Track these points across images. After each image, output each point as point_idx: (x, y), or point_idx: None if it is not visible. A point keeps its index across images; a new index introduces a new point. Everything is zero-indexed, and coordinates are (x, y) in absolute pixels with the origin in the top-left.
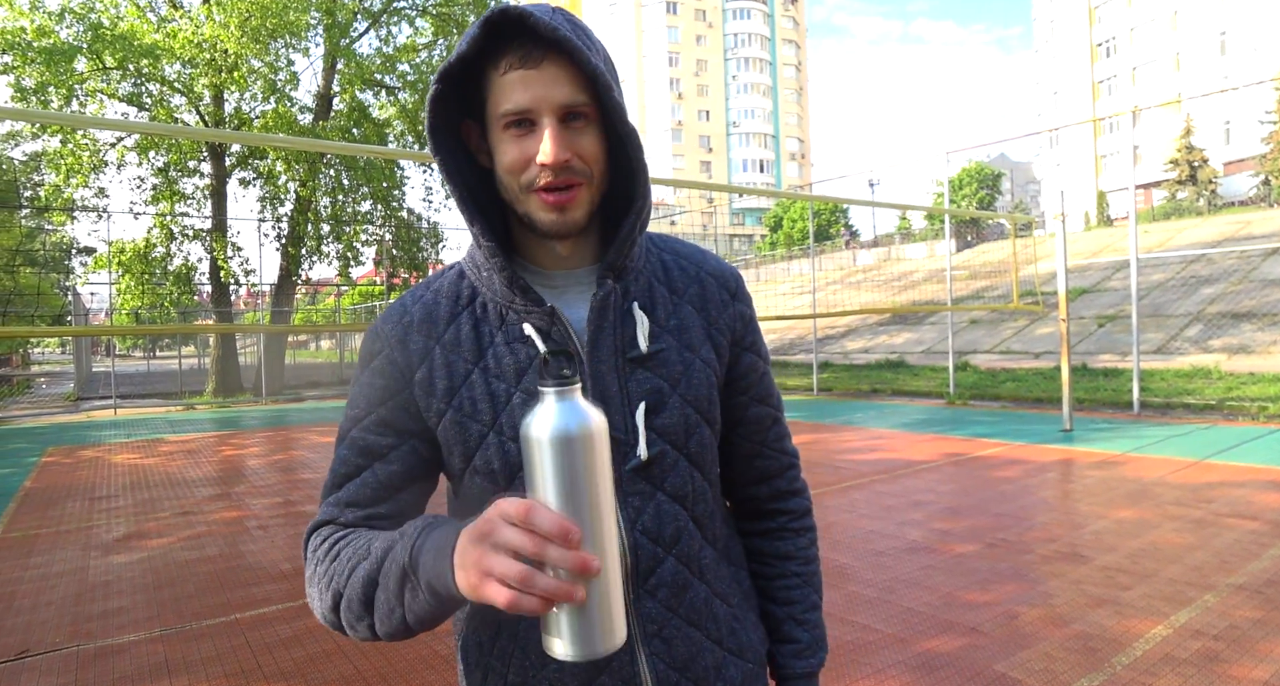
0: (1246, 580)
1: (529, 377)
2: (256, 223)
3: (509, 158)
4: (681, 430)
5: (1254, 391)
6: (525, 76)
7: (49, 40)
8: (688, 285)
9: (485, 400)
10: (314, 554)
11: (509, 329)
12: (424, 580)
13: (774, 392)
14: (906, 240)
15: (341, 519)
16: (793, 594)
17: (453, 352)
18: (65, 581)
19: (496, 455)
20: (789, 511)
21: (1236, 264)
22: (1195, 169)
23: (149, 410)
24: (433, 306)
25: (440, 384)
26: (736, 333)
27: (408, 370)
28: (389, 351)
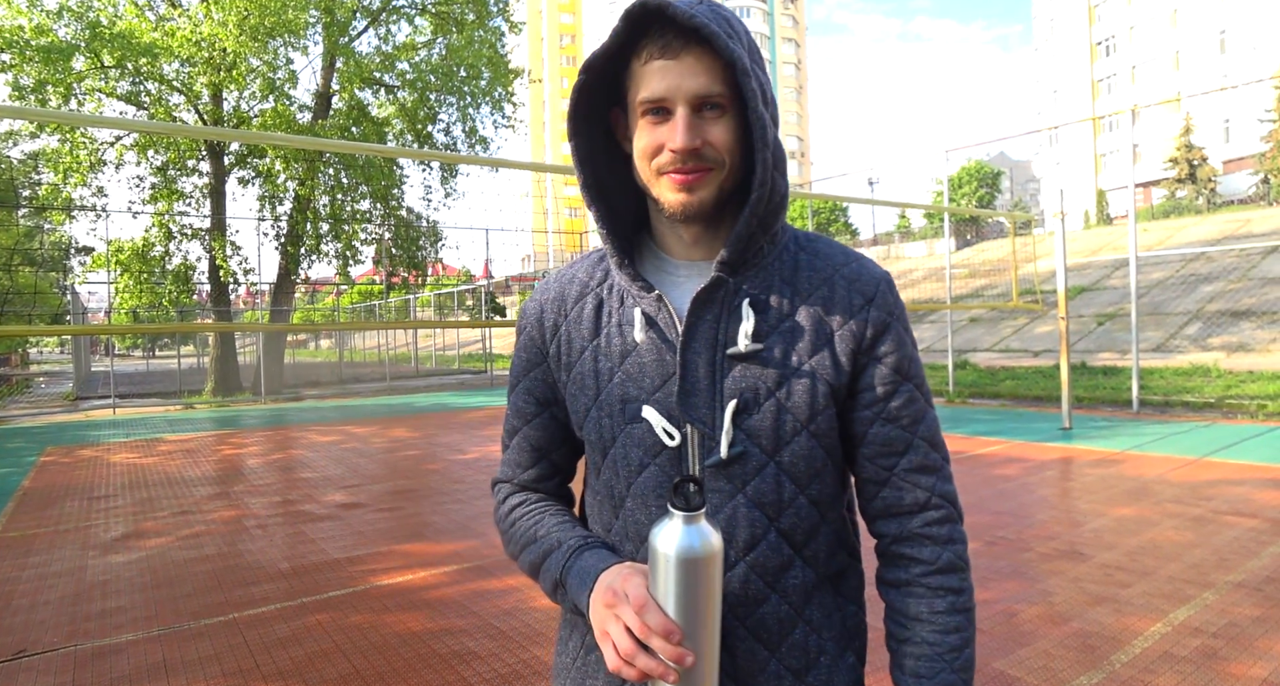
0: (1245, 577)
1: (630, 360)
2: (255, 222)
3: (643, 143)
4: (773, 434)
5: (1253, 389)
6: (664, 66)
7: (47, 38)
8: (815, 287)
9: (592, 377)
10: (497, 510)
11: (625, 311)
12: (570, 596)
13: (917, 417)
14: (906, 238)
15: (516, 479)
16: (920, 666)
17: (575, 329)
18: (63, 581)
19: (594, 428)
20: (922, 561)
21: (1236, 262)
22: (1195, 167)
23: (148, 409)
24: (568, 285)
25: (564, 357)
26: (864, 341)
27: (543, 345)
28: (530, 328)
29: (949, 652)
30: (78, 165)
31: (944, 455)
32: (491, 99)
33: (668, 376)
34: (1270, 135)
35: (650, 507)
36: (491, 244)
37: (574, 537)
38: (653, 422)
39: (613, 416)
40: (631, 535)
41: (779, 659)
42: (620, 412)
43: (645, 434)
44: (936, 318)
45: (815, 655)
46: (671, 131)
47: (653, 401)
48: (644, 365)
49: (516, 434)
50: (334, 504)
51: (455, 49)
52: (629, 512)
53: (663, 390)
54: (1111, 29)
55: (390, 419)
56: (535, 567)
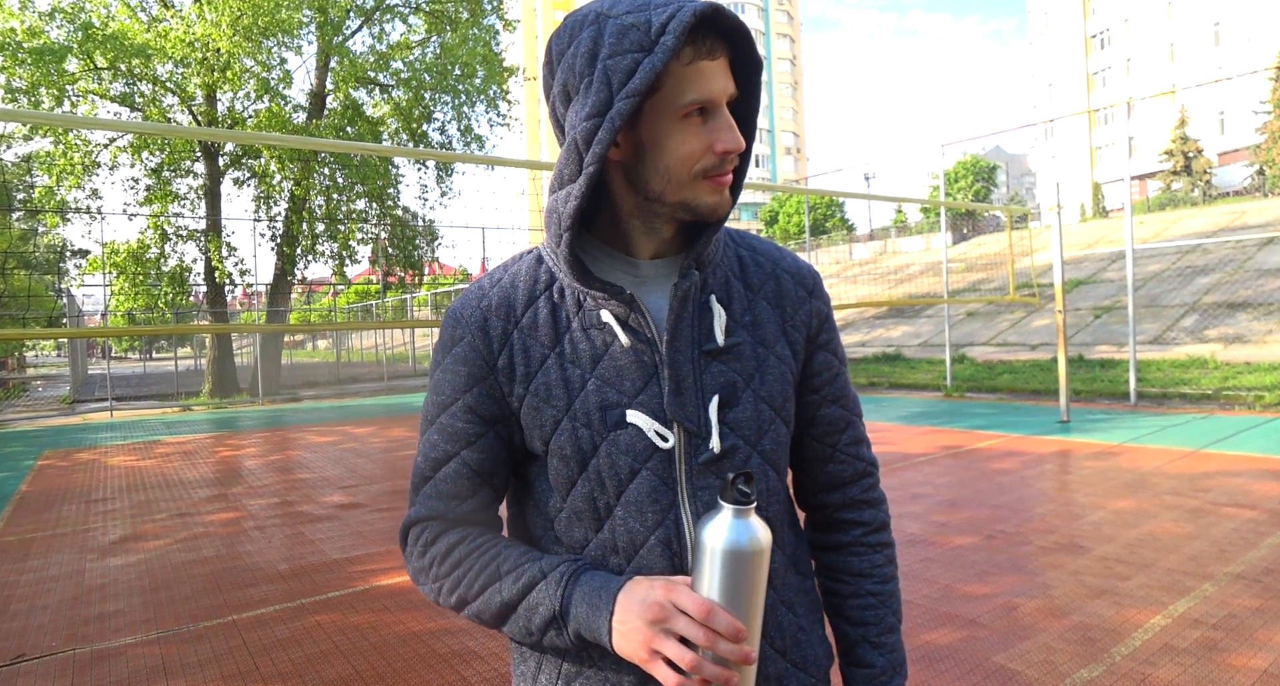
0: (1244, 569)
1: (604, 364)
2: (251, 223)
3: (690, 145)
4: (754, 426)
5: (1250, 381)
6: (710, 67)
7: (39, 40)
8: (764, 281)
9: (560, 386)
10: (428, 551)
11: (586, 315)
12: (573, 628)
13: (850, 395)
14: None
15: (449, 514)
16: (867, 614)
17: (530, 337)
18: (61, 585)
19: (569, 440)
20: (863, 523)
21: (1232, 254)
22: (1190, 159)
23: (145, 412)
24: (510, 290)
25: (519, 369)
26: (812, 330)
27: (490, 356)
28: (470, 338)
29: (889, 598)
30: (71, 167)
31: (864, 425)
32: (486, 97)
33: (649, 378)
34: (1265, 127)
35: (645, 514)
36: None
37: (561, 563)
38: (642, 426)
39: (591, 425)
40: (622, 546)
41: (769, 642)
42: (601, 420)
43: (633, 439)
44: (933, 312)
45: (794, 632)
46: (720, 132)
47: (636, 404)
48: (621, 368)
49: (451, 460)
50: (333, 504)
51: (450, 47)
52: (618, 522)
53: (646, 392)
54: (1106, 22)
55: (388, 419)
56: (509, 608)
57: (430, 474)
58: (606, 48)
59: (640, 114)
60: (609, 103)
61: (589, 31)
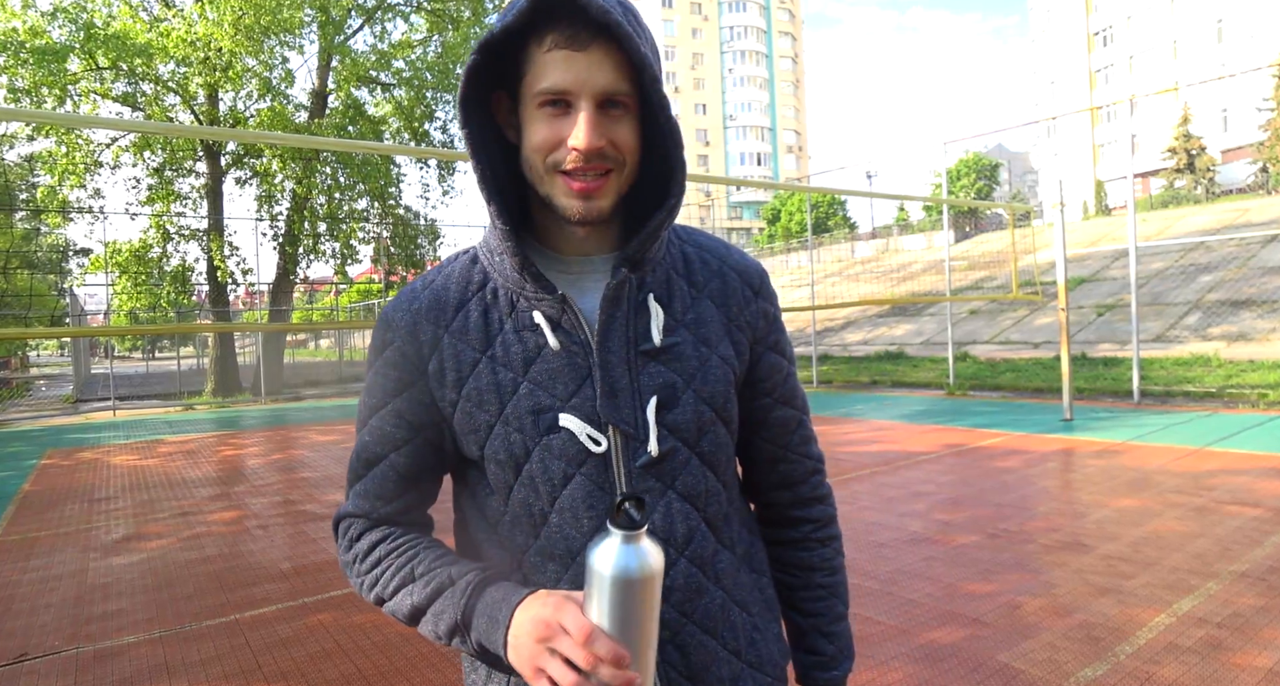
0: (1249, 567)
1: (536, 367)
2: (253, 222)
3: (540, 136)
4: (694, 427)
5: (1254, 379)
6: (570, 57)
7: (41, 40)
8: (709, 279)
9: (492, 390)
10: (352, 547)
11: (519, 316)
12: (475, 638)
13: (799, 394)
14: (905, 231)
15: (374, 514)
16: (818, 605)
17: (461, 341)
18: (64, 584)
19: (503, 446)
20: (813, 520)
21: (1235, 251)
22: (1193, 157)
23: (148, 411)
24: (442, 292)
25: (450, 374)
26: (759, 331)
27: (419, 361)
28: (400, 342)
29: (838, 588)
30: (74, 167)
31: (810, 418)
32: None
33: (582, 380)
34: (1268, 124)
35: (581, 520)
36: None
37: (470, 571)
38: (574, 430)
39: (524, 430)
40: (559, 553)
41: (722, 643)
42: (533, 424)
43: (566, 443)
44: (936, 310)
45: (749, 632)
46: (574, 128)
47: (569, 408)
48: (553, 371)
49: (380, 462)
50: (335, 503)
51: (451, 46)
52: (554, 528)
53: (579, 395)
54: (1109, 19)
55: None
56: (418, 611)
57: (362, 472)
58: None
59: (517, 95)
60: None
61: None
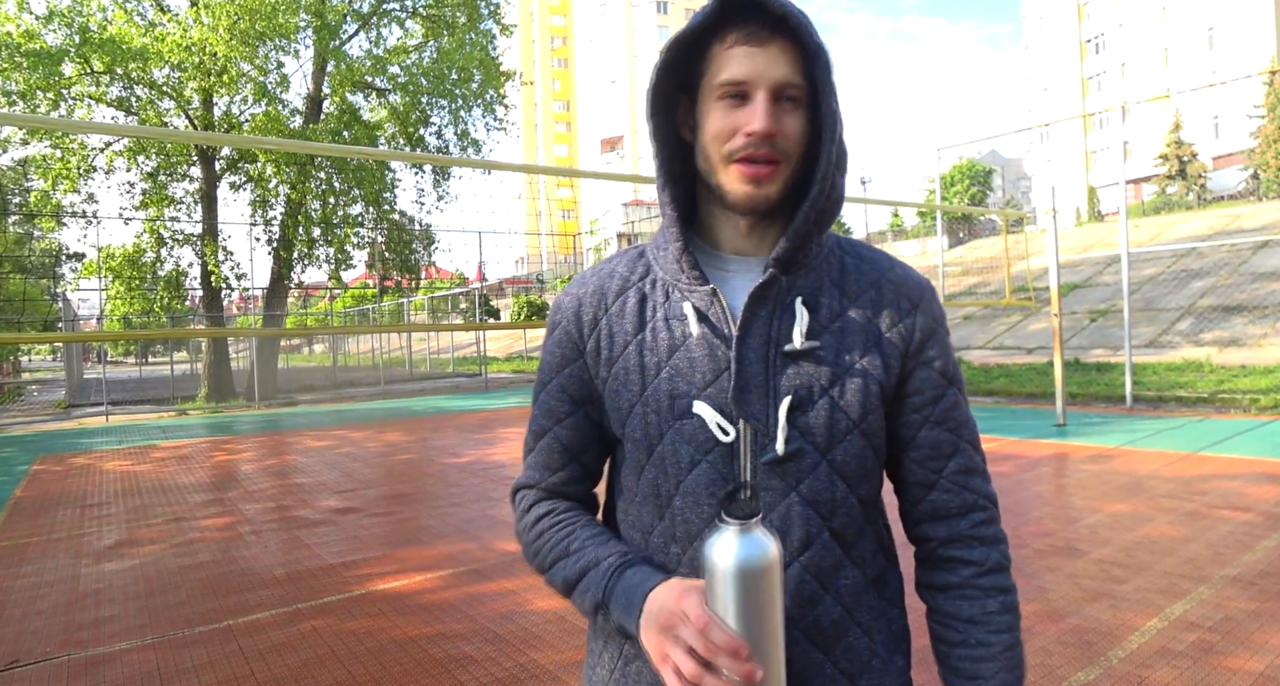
0: (1240, 572)
1: (679, 355)
2: (248, 227)
3: (717, 125)
4: (826, 432)
5: (1245, 384)
6: (749, 52)
7: (36, 44)
8: (863, 290)
9: (637, 371)
10: (522, 517)
11: (671, 306)
12: (615, 619)
13: (960, 420)
14: (899, 237)
15: (542, 484)
16: (980, 667)
17: (617, 324)
18: (56, 590)
19: (640, 425)
20: (973, 562)
21: (1227, 257)
22: (1185, 163)
23: (141, 416)
24: (607, 280)
25: (605, 352)
26: (912, 344)
27: (580, 340)
28: (566, 323)
29: (1004, 651)
30: (68, 171)
31: (983, 457)
32: (483, 101)
33: (720, 371)
34: (1259, 131)
35: (702, 506)
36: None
37: (613, 554)
38: (705, 418)
39: (660, 412)
40: (680, 535)
41: (833, 662)
42: (669, 408)
43: (697, 430)
44: None
45: (868, 658)
46: (750, 115)
47: (704, 397)
48: (694, 360)
49: (545, 435)
50: (329, 509)
51: (446, 52)
52: (677, 511)
53: (715, 385)
54: (1101, 27)
55: (385, 423)
56: (570, 585)
57: (532, 444)
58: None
59: (697, 96)
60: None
61: None
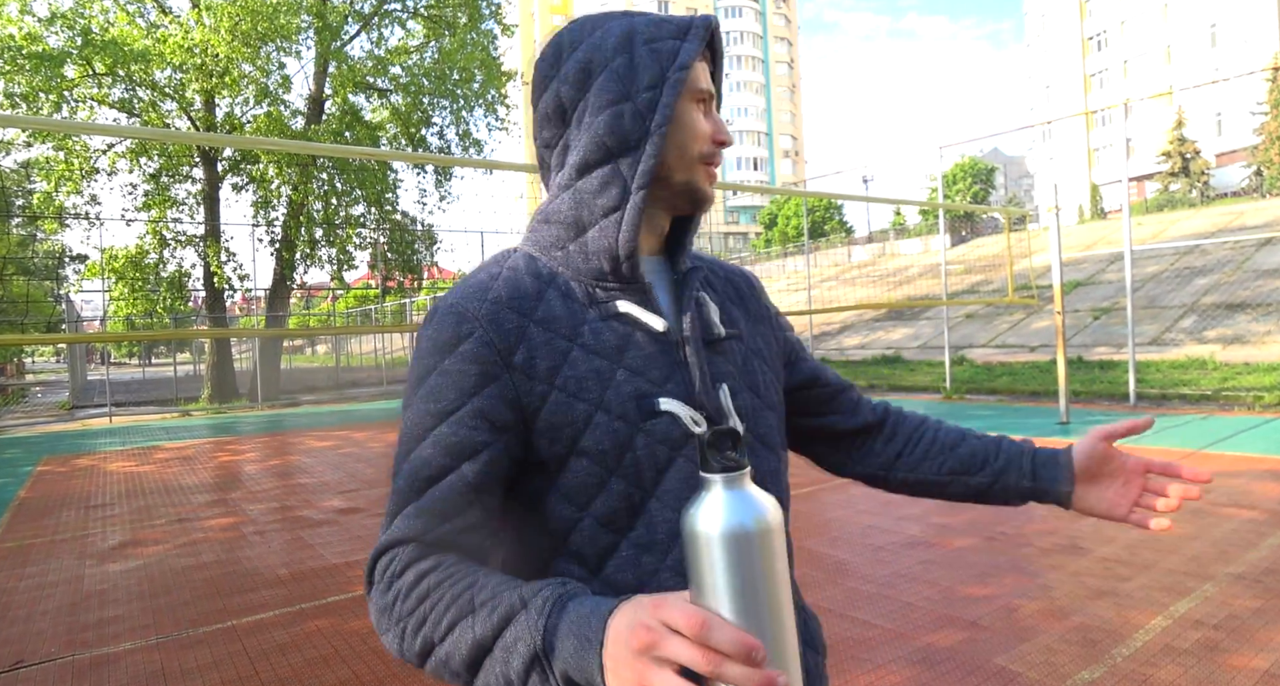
0: (1245, 569)
1: (630, 354)
2: (250, 228)
3: (702, 127)
4: (750, 413)
5: (1249, 381)
6: (702, 67)
7: (38, 46)
8: (720, 283)
9: (591, 377)
10: (393, 586)
11: (601, 307)
12: (560, 669)
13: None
14: (901, 236)
15: (426, 537)
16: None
17: (549, 329)
18: (60, 590)
19: (605, 434)
20: (891, 409)
21: (1230, 255)
22: (1188, 161)
23: (144, 417)
24: (517, 282)
25: (542, 363)
26: (772, 321)
27: (506, 352)
28: (481, 332)
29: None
30: (70, 173)
31: None
32: (485, 101)
33: (673, 367)
34: (1262, 128)
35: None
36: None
37: (545, 587)
38: (678, 413)
39: (626, 417)
40: (659, 541)
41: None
42: (635, 410)
43: (668, 427)
44: (933, 314)
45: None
46: (718, 125)
47: (666, 392)
48: (648, 357)
49: (447, 476)
50: (332, 509)
51: (448, 52)
52: (654, 515)
53: (672, 381)
54: (1103, 24)
55: (387, 423)
56: (482, 648)
57: (415, 494)
58: (645, 34)
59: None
60: (661, 75)
61: (619, 23)
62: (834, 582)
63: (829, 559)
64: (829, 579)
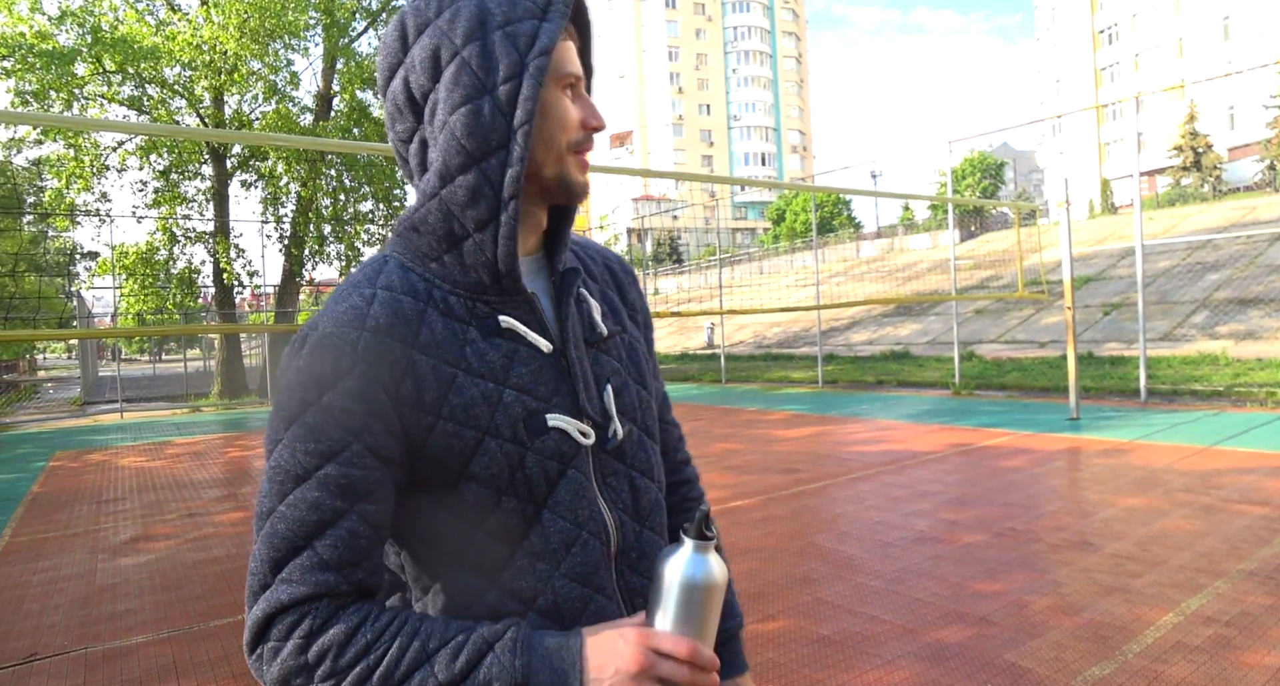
0: (1257, 566)
1: (515, 372)
2: (259, 224)
3: (570, 115)
4: (637, 407)
5: (1262, 377)
6: (569, 45)
7: (49, 44)
8: (600, 272)
9: (479, 403)
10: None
11: (482, 323)
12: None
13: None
14: (910, 231)
15: (340, 588)
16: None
17: (433, 356)
18: (73, 584)
19: (496, 459)
20: (687, 481)
21: (1242, 249)
22: (1199, 155)
23: (155, 413)
24: (395, 305)
25: (429, 394)
26: (639, 311)
27: (391, 385)
28: (365, 367)
29: None
30: (81, 170)
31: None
32: None
33: (559, 377)
34: (1276, 121)
35: (576, 512)
36: None
37: (507, 628)
38: (567, 428)
39: (517, 438)
40: (552, 549)
41: None
42: (525, 430)
43: (559, 442)
44: (942, 309)
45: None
46: (588, 109)
47: (553, 407)
48: (533, 372)
49: (342, 520)
50: None
51: None
52: (547, 526)
53: (559, 393)
54: (1114, 17)
55: None
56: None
57: (303, 544)
58: (499, 16)
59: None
60: (520, 63)
61: (468, 3)
62: (842, 578)
63: (838, 554)
64: (837, 574)
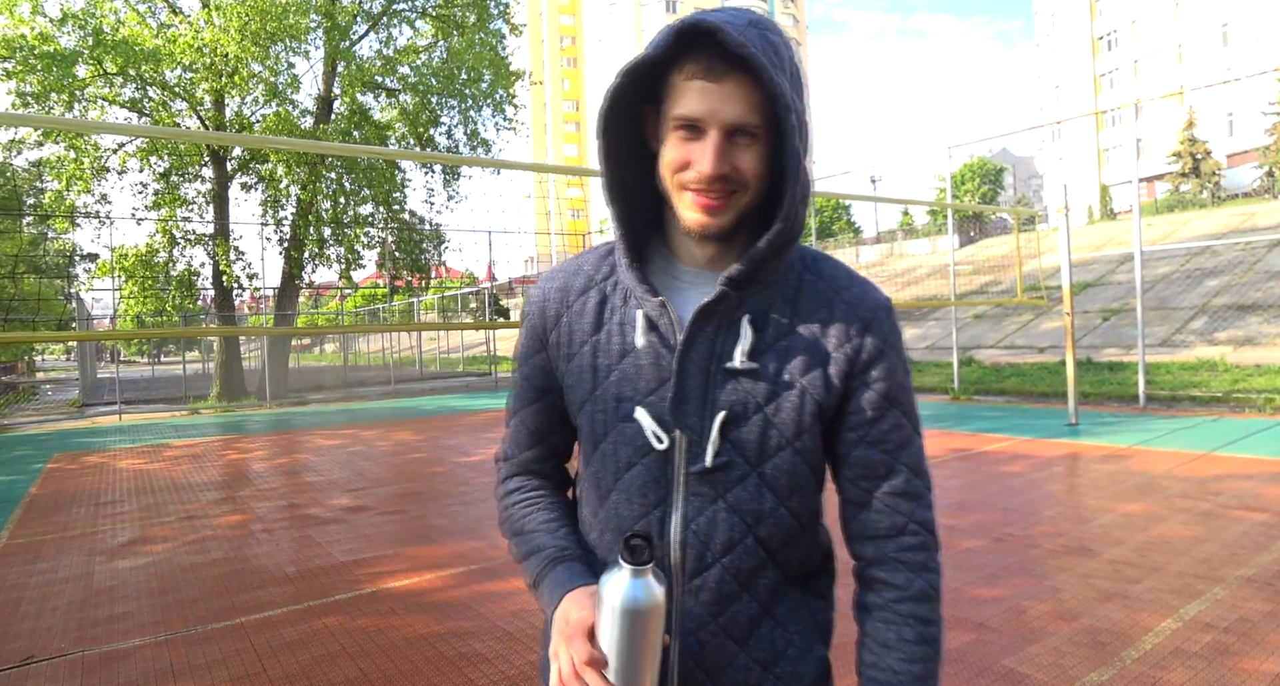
0: (1256, 572)
1: (628, 360)
2: (259, 227)
3: (671, 156)
4: (758, 447)
5: (1261, 383)
6: (705, 88)
7: (50, 46)
8: (816, 309)
9: (590, 371)
10: (499, 486)
11: (626, 311)
12: (540, 600)
13: (902, 442)
14: (909, 236)
15: (515, 458)
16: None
17: (576, 323)
18: (70, 587)
19: (588, 421)
20: (894, 586)
21: (1241, 256)
22: (1198, 161)
23: (154, 415)
24: (572, 277)
25: (564, 348)
26: (857, 365)
27: (544, 334)
28: (533, 315)
29: (912, 682)
30: (81, 172)
31: (926, 483)
32: (493, 101)
33: (662, 381)
34: (1274, 128)
35: (634, 504)
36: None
37: (553, 546)
38: (644, 424)
39: (606, 412)
40: (612, 527)
41: (747, 652)
42: (614, 410)
43: (636, 434)
44: (941, 315)
45: (783, 647)
46: (702, 153)
47: (645, 404)
48: (641, 367)
49: (516, 415)
50: (340, 507)
51: (456, 52)
52: (613, 505)
53: (656, 394)
54: (1113, 23)
55: (395, 422)
56: (520, 559)
57: (508, 420)
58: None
59: (659, 118)
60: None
61: None
62: (840, 583)
63: (835, 559)
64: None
